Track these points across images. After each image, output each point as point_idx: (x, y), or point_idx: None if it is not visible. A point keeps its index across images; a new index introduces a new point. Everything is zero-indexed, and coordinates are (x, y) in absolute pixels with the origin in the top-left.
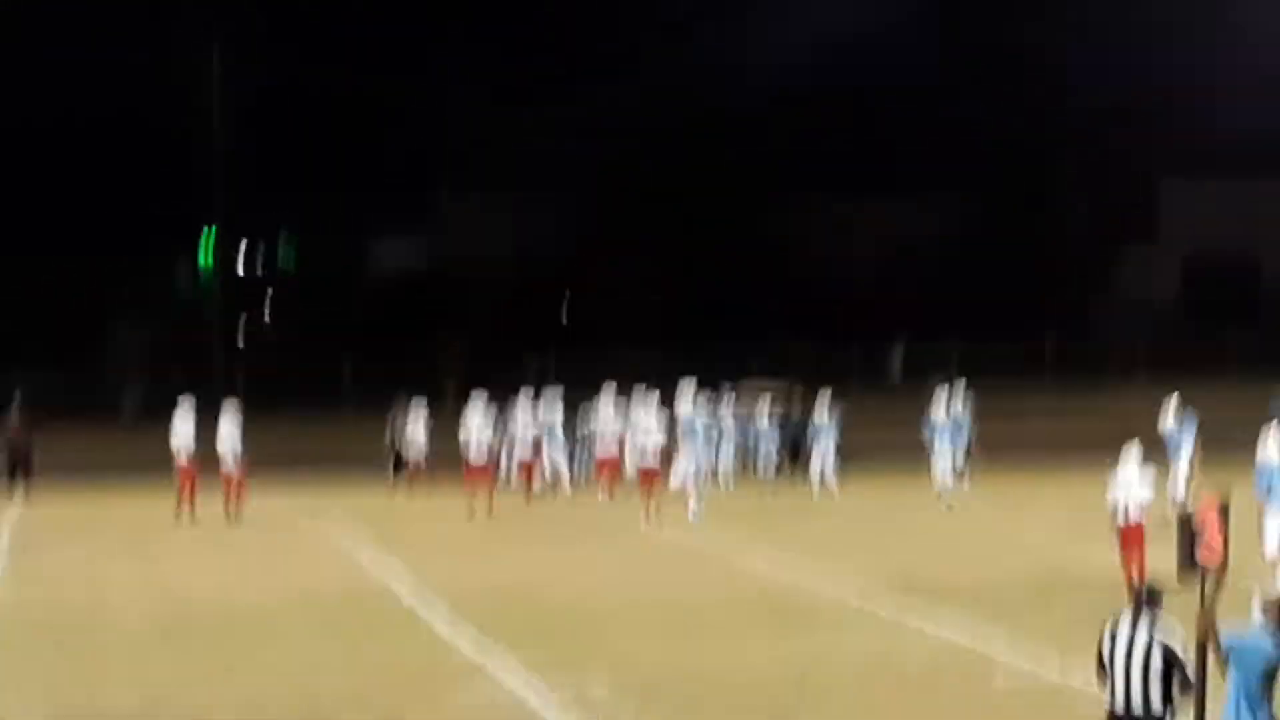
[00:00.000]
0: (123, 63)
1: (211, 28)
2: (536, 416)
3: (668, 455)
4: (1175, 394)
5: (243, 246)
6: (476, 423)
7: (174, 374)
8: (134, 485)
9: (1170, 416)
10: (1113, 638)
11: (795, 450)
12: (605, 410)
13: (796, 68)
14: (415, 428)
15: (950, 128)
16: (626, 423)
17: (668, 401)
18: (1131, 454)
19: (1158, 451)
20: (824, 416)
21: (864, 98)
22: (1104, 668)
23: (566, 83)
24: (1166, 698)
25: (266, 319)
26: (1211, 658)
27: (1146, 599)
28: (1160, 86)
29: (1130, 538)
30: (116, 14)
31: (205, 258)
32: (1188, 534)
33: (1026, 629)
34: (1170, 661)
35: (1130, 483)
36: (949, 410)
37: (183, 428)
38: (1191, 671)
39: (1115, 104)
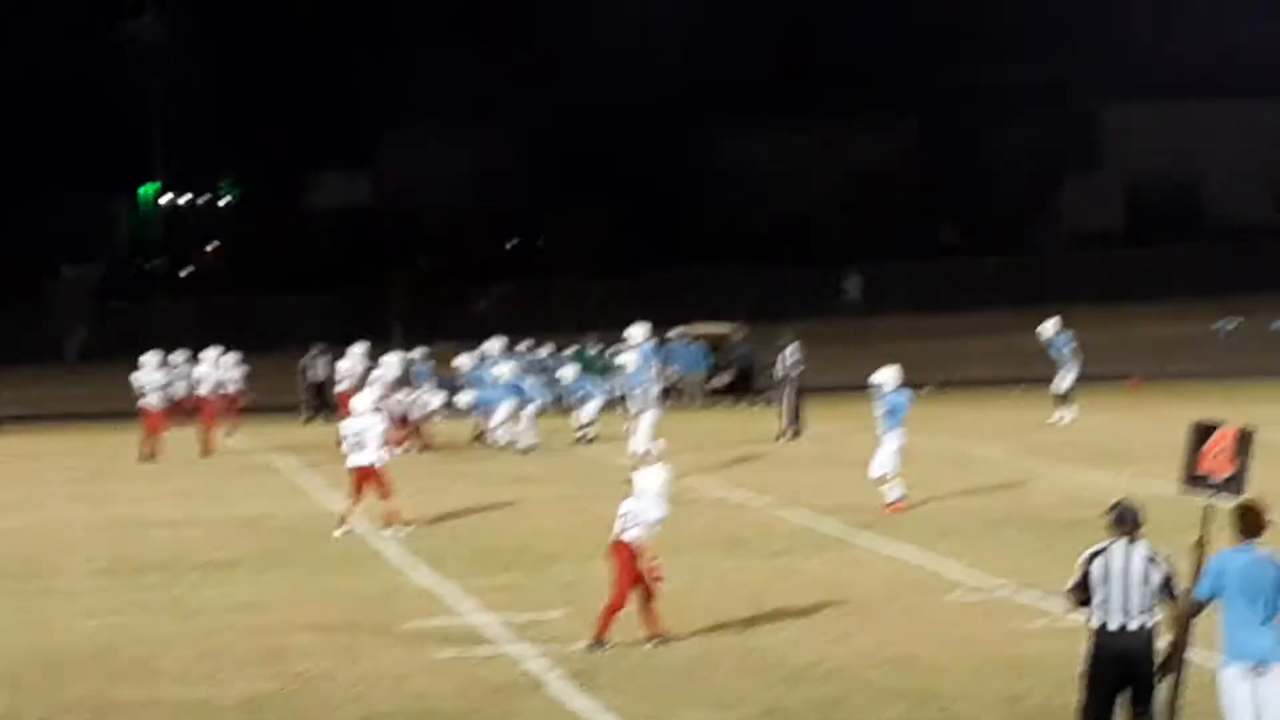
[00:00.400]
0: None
1: None
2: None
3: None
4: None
5: (186, 192)
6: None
7: (116, 314)
8: (80, 425)
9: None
10: (1105, 557)
11: (746, 377)
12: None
13: None
14: (331, 368)
15: (891, 54)
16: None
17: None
18: None
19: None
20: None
21: (806, 24)
22: (1085, 591)
23: (514, 12)
24: (1154, 608)
25: (210, 252)
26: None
27: (1132, 519)
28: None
29: None
30: None
31: (146, 196)
32: (1194, 445)
33: (978, 551)
34: (1166, 573)
35: None
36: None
37: (152, 374)
38: (1178, 584)
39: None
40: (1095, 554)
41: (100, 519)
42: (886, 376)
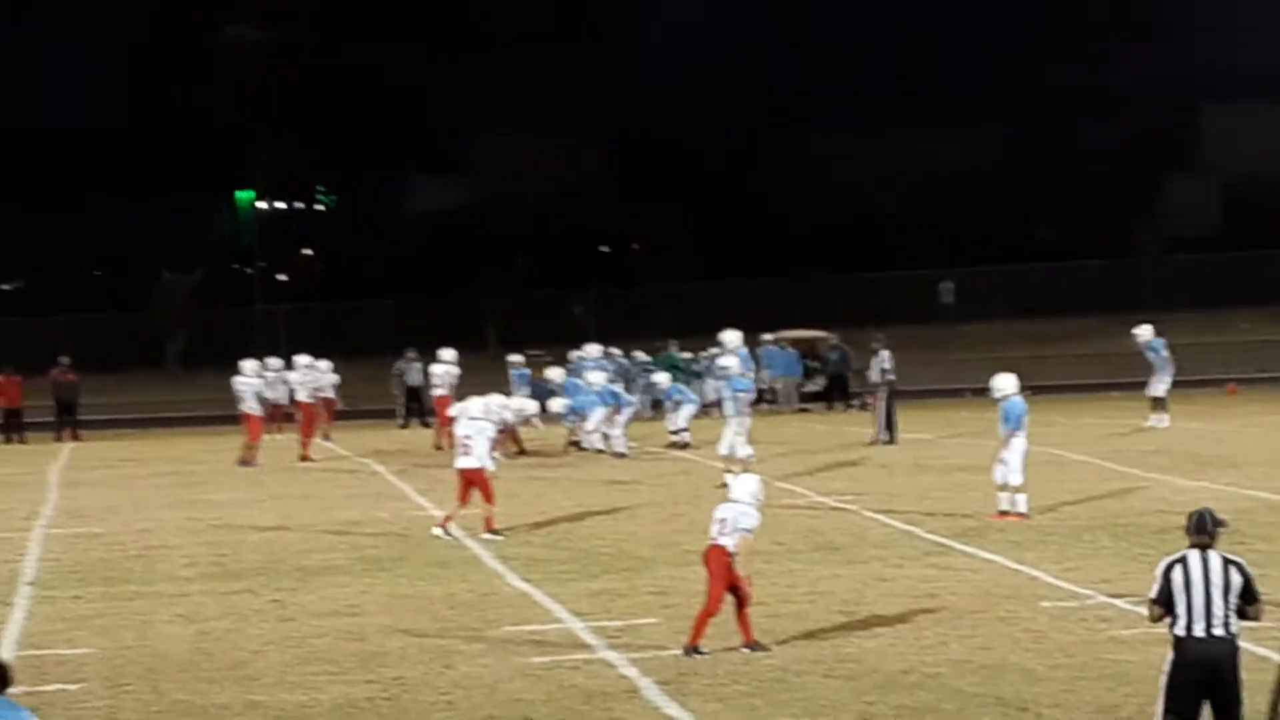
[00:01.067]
0: (164, 29)
1: None
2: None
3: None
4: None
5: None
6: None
7: (216, 321)
8: (178, 430)
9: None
10: (1183, 564)
11: (839, 383)
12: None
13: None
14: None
15: (988, 56)
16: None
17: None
18: None
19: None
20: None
21: (900, 26)
22: (1168, 600)
23: (607, 15)
24: (1240, 613)
25: (307, 257)
26: None
27: (1212, 523)
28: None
29: None
30: None
31: (244, 202)
32: None
33: (1072, 558)
34: (1245, 576)
35: None
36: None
37: (251, 380)
38: (1258, 588)
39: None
40: (1174, 562)
41: (197, 524)
42: (1003, 382)
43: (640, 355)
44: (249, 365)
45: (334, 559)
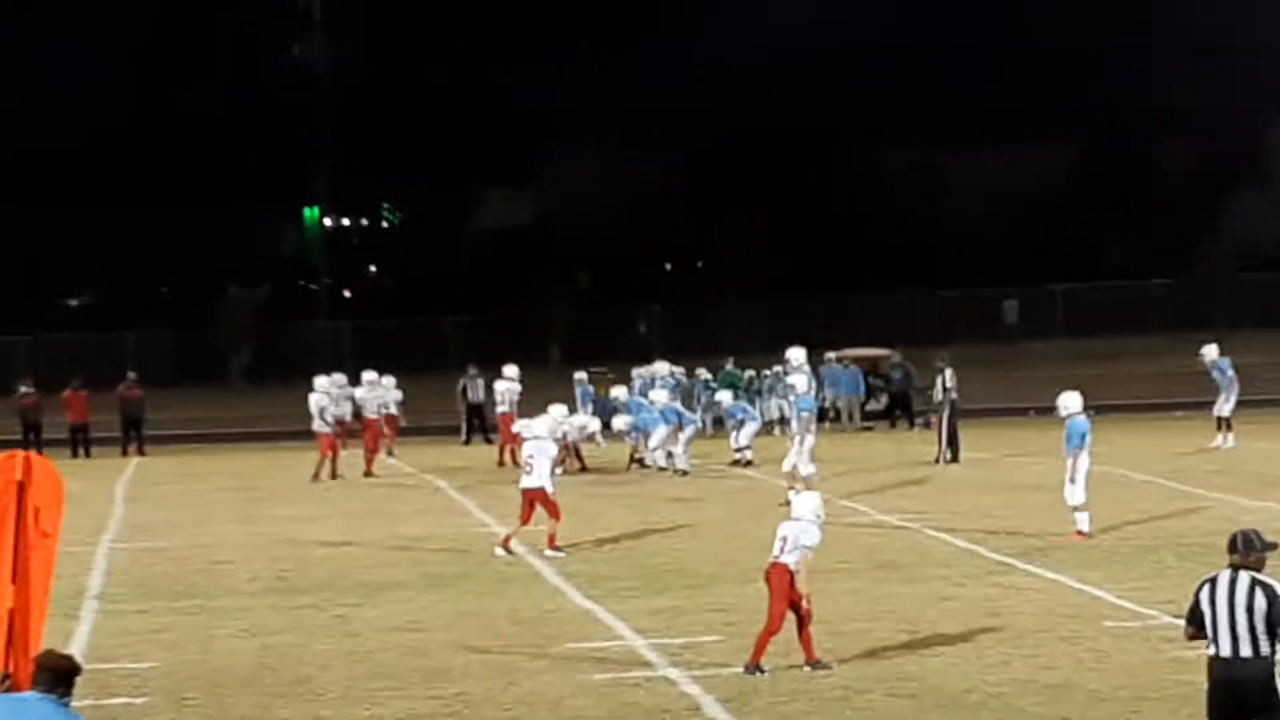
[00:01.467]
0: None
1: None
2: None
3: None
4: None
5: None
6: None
7: (281, 337)
8: (243, 445)
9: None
10: (1212, 584)
11: (901, 401)
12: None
13: (898, 12)
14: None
15: (1053, 73)
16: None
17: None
18: None
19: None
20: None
21: (964, 43)
22: (1199, 620)
23: (675, 32)
24: (1271, 635)
25: (372, 274)
26: None
27: (1243, 544)
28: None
29: None
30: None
31: (311, 218)
32: None
33: (1136, 578)
34: (1271, 599)
35: None
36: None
37: (323, 397)
38: None
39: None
40: (1204, 582)
41: (262, 539)
42: (1068, 401)
43: (703, 373)
44: (322, 381)
45: (397, 574)
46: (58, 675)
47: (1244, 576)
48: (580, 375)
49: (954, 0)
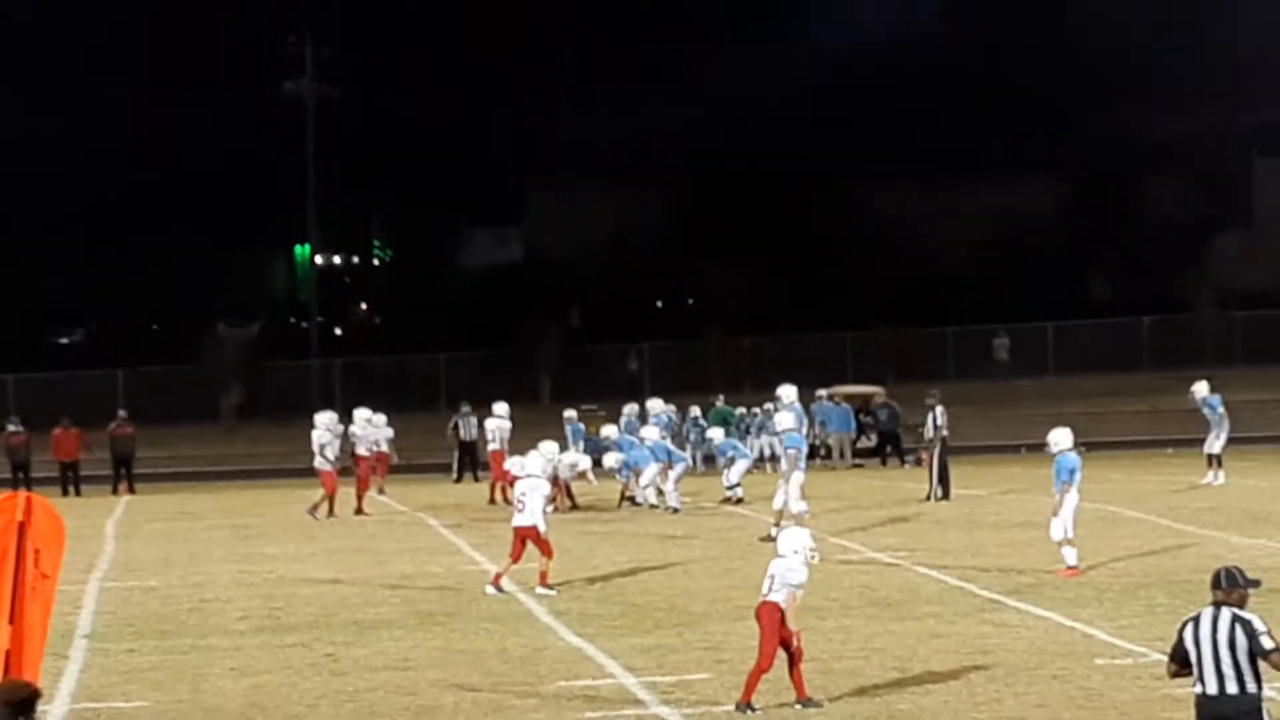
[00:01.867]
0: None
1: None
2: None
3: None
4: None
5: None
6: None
7: (272, 375)
8: (233, 483)
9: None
10: (1195, 622)
11: (888, 439)
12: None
13: (887, 53)
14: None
15: (1041, 113)
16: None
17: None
18: None
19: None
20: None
21: (953, 82)
22: (1183, 658)
23: (656, 73)
24: (1255, 670)
25: (363, 311)
26: None
27: (1226, 581)
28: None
29: None
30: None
31: (302, 256)
32: None
33: (1126, 616)
34: (1250, 635)
35: None
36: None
37: (323, 434)
38: (1268, 639)
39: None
40: (1188, 620)
41: (251, 577)
42: (1058, 437)
43: (695, 410)
44: (323, 418)
45: (387, 613)
46: (16, 706)
47: (1225, 614)
48: (570, 413)
49: (943, 41)
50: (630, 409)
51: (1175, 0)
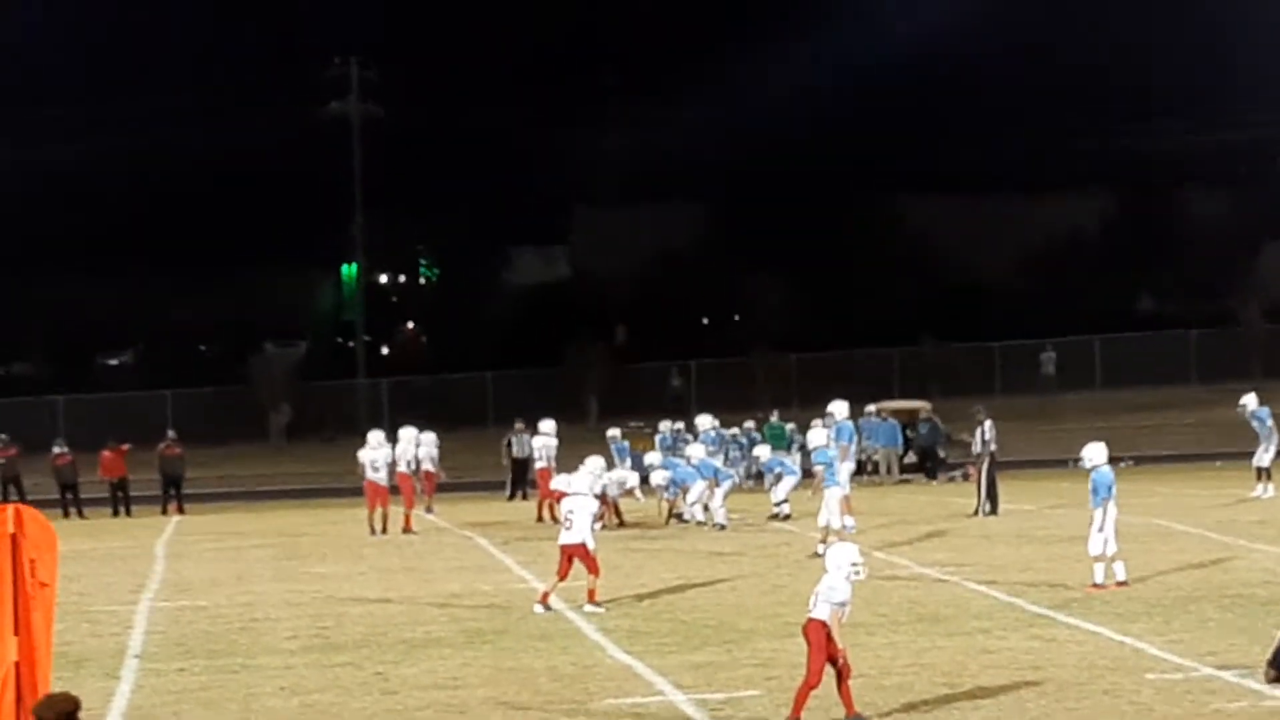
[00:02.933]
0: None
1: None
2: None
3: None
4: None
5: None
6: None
7: (319, 394)
8: (281, 502)
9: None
10: None
11: (932, 457)
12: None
13: (931, 64)
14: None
15: (1088, 126)
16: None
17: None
18: None
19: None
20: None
21: (999, 95)
22: None
23: (699, 92)
24: None
25: (409, 330)
26: None
27: None
28: None
29: None
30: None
31: (350, 275)
32: None
33: (1177, 629)
34: None
35: None
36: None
37: (377, 452)
38: None
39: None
40: None
41: (301, 596)
42: (1092, 453)
43: (749, 425)
44: (374, 436)
45: (436, 631)
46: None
47: None
48: (614, 432)
49: (987, 55)
50: (666, 425)
51: (1220, 13)
